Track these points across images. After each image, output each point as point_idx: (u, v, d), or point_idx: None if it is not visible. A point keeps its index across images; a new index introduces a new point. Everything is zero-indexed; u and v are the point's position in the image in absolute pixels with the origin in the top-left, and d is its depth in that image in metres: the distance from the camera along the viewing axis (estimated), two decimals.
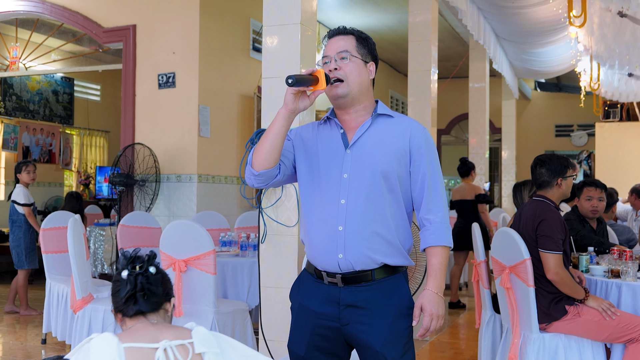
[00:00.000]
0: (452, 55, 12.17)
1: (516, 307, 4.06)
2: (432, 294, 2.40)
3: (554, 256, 3.86)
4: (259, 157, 2.39)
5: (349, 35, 2.51)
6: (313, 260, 2.51)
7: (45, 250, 6.01)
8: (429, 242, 2.47)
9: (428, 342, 6.25)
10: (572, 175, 4.19)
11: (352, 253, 2.40)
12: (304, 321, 2.52)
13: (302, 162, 2.54)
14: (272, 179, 2.47)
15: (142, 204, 6.98)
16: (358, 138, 2.46)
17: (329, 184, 2.45)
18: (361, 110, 2.50)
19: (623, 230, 6.00)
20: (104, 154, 13.14)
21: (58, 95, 12.32)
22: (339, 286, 2.44)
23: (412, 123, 2.52)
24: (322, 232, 2.44)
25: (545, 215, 3.98)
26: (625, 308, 4.02)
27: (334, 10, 9.64)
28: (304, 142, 2.55)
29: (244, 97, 7.77)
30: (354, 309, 2.43)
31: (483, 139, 9.93)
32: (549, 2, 7.43)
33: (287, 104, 2.34)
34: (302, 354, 2.50)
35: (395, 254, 2.45)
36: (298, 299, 2.57)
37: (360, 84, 2.46)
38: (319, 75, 2.31)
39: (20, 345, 5.97)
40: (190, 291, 4.54)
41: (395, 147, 2.45)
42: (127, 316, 2.01)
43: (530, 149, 15.40)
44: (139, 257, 2.03)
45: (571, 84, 14.05)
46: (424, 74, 6.64)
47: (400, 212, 2.48)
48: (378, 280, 2.43)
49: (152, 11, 7.30)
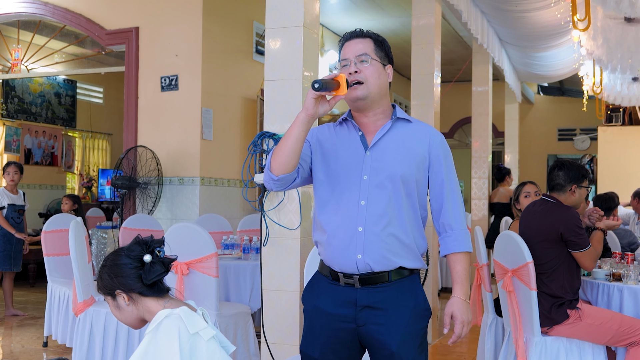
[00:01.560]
0: (455, 59, 12.17)
1: (518, 310, 4.06)
2: (460, 301, 2.45)
3: (587, 252, 3.97)
4: (279, 162, 2.37)
5: (366, 38, 2.52)
6: (329, 261, 2.51)
7: (46, 252, 6.01)
8: (451, 248, 2.51)
9: (430, 345, 6.23)
10: (587, 186, 4.21)
11: (370, 254, 2.41)
12: (318, 323, 2.52)
13: (319, 164, 2.54)
14: (291, 183, 2.47)
15: (144, 207, 6.97)
16: (378, 140, 2.48)
17: (348, 185, 2.46)
18: (380, 114, 2.52)
19: (625, 233, 6.00)
20: (106, 156, 13.13)
21: (60, 97, 12.32)
22: (356, 287, 2.45)
23: (431, 130, 2.56)
24: (341, 233, 2.45)
25: (567, 219, 3.99)
26: (626, 311, 4.02)
27: (337, 14, 9.64)
28: (320, 143, 2.56)
29: (246, 100, 7.77)
30: (370, 310, 2.44)
31: (486, 143, 9.91)
32: (552, 6, 7.42)
33: (307, 109, 2.31)
34: (316, 356, 2.51)
35: (412, 257, 2.47)
36: (312, 301, 2.57)
37: (379, 87, 2.48)
38: (341, 81, 2.30)
39: (21, 349, 5.97)
40: (193, 294, 4.53)
41: (415, 152, 2.48)
42: (153, 296, 2.27)
43: (533, 153, 15.39)
44: (154, 241, 2.27)
45: (574, 88, 14.04)
46: (427, 77, 6.62)
47: (416, 216, 2.50)
48: (394, 282, 2.45)
49: (155, 13, 7.30)
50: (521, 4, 7.49)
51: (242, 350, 4.80)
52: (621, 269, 4.19)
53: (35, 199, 11.56)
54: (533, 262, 3.91)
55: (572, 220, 3.97)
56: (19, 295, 8.66)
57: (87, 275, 5.05)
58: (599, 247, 4.12)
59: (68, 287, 5.79)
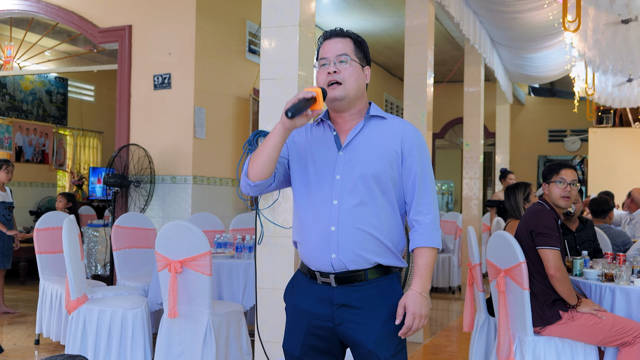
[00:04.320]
0: (447, 59, 12.20)
1: (506, 311, 4.10)
2: (416, 293, 2.42)
3: (552, 252, 3.90)
4: (255, 169, 2.42)
5: (346, 38, 2.52)
6: (306, 260, 2.53)
7: (39, 250, 6.00)
8: (416, 242, 2.48)
9: (422, 344, 6.25)
10: (557, 180, 4.19)
11: (344, 253, 2.42)
12: (298, 321, 2.54)
13: (295, 165, 2.56)
14: (267, 188, 2.51)
15: (136, 205, 6.96)
16: (350, 140, 2.48)
17: (321, 185, 2.47)
18: (355, 114, 2.52)
19: (618, 234, 6.05)
20: (97, 154, 13.10)
21: (52, 95, 12.28)
22: (333, 286, 2.47)
23: (404, 125, 2.53)
24: (315, 233, 2.46)
25: (538, 215, 4.06)
26: (618, 312, 4.04)
27: (330, 14, 9.65)
28: (297, 145, 2.58)
29: (239, 99, 7.77)
30: (347, 308, 2.45)
31: (477, 144, 9.94)
32: (545, 7, 7.46)
33: (284, 123, 2.35)
34: (297, 354, 2.52)
35: (388, 255, 2.47)
36: (292, 299, 2.59)
37: (357, 88, 2.48)
38: (317, 96, 2.33)
39: (13, 346, 5.95)
40: (186, 292, 4.54)
41: (387, 149, 2.47)
42: None
43: (524, 153, 15.45)
44: None
45: (565, 90, 14.11)
46: (420, 77, 6.64)
47: (394, 214, 2.49)
48: (371, 281, 2.45)
49: (148, 12, 7.29)
50: (514, 5, 7.52)
51: (235, 349, 4.81)
52: (613, 270, 4.21)
53: (26, 197, 11.52)
54: (526, 262, 3.95)
55: (540, 216, 4.05)
56: (9, 294, 8.63)
57: (80, 273, 5.04)
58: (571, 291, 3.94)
59: (60, 285, 5.77)
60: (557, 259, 3.89)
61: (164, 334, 4.59)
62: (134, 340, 4.85)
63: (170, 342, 4.57)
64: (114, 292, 5.37)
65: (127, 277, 5.93)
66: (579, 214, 5.09)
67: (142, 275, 6.05)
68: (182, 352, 4.55)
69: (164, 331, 4.59)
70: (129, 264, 6.06)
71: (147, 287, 5.56)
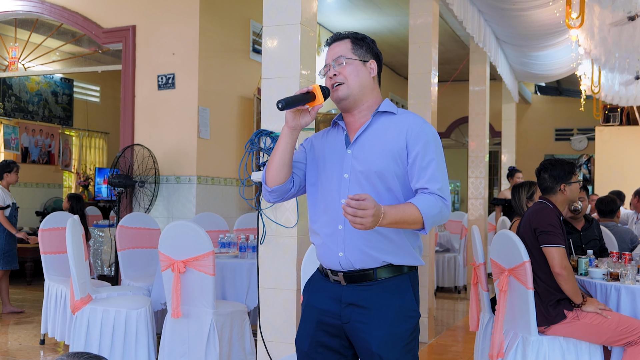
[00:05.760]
0: (453, 58, 12.17)
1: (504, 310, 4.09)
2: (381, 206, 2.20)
3: (557, 249, 3.87)
4: (270, 173, 2.49)
5: (344, 40, 2.54)
6: (320, 259, 2.57)
7: (43, 251, 6.01)
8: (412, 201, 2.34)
9: (427, 344, 6.24)
10: (578, 181, 4.20)
11: (351, 251, 2.42)
12: (308, 317, 2.57)
13: (310, 168, 2.60)
14: (287, 193, 2.56)
15: (141, 205, 6.97)
16: (357, 137, 2.48)
17: (331, 184, 2.49)
18: (365, 110, 2.52)
19: (625, 231, 6.03)
20: (103, 155, 13.13)
21: (57, 96, 12.31)
22: (342, 284, 2.48)
23: (412, 119, 2.47)
24: (325, 232, 2.49)
25: (541, 213, 4.03)
26: (624, 311, 4.01)
27: (334, 13, 9.64)
28: (314, 148, 2.61)
29: (243, 99, 7.76)
30: (354, 307, 2.45)
31: (483, 143, 9.91)
32: (550, 5, 7.42)
33: (287, 122, 2.42)
34: (305, 349, 2.54)
35: (400, 253, 2.45)
36: (307, 295, 2.63)
37: (360, 84, 2.48)
38: (315, 92, 2.35)
39: (18, 346, 5.96)
40: (189, 292, 4.53)
41: (391, 145, 2.42)
42: None
43: (530, 152, 15.39)
44: None
45: (571, 88, 14.05)
46: (425, 76, 6.62)
47: None
48: (380, 281, 2.44)
49: (152, 12, 7.29)
50: (518, 3, 7.49)
51: (238, 349, 4.80)
52: (619, 269, 4.19)
53: (32, 198, 11.55)
54: (530, 262, 3.92)
55: (543, 214, 4.02)
56: (16, 294, 8.65)
57: (84, 273, 5.04)
58: (576, 290, 3.90)
59: (65, 285, 5.78)
60: (563, 256, 3.86)
61: (167, 334, 4.59)
62: (137, 340, 4.85)
63: (174, 342, 4.57)
64: (118, 292, 5.38)
65: (131, 277, 5.94)
66: (585, 211, 5.07)
67: (147, 275, 6.05)
68: (186, 351, 4.55)
69: (167, 331, 4.59)
70: (133, 264, 6.06)
71: (151, 287, 5.56)
